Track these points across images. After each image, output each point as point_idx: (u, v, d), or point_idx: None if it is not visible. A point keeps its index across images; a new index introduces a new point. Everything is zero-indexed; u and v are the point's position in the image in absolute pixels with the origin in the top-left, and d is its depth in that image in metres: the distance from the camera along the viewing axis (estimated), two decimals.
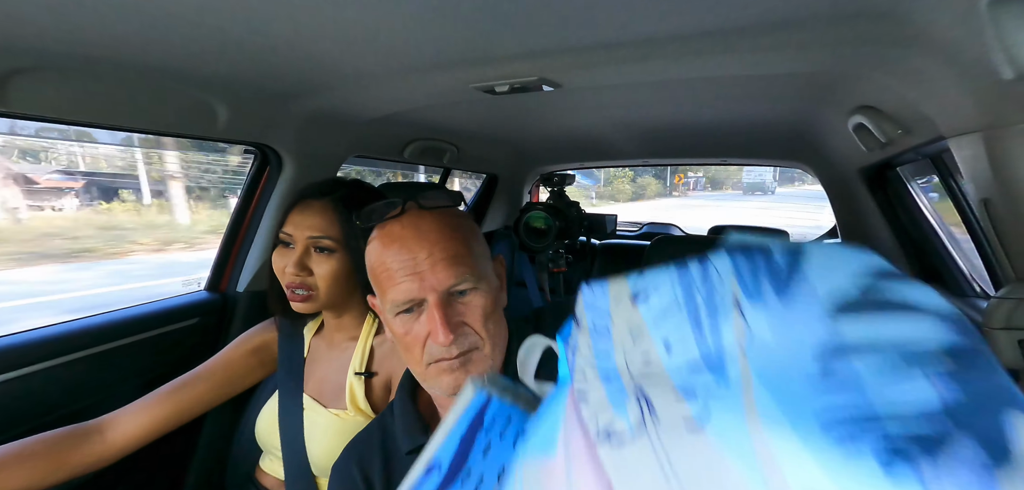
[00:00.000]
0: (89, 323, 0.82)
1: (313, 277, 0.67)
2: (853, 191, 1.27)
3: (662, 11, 0.49)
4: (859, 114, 0.80)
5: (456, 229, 0.47)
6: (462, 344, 0.45)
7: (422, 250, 0.45)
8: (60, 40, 0.54)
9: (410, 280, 0.44)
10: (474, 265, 0.46)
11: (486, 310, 0.46)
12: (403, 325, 0.46)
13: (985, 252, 0.94)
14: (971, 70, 0.45)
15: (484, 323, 0.46)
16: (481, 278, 0.46)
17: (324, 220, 0.67)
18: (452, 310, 0.45)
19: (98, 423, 0.66)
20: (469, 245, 0.47)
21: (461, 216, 0.49)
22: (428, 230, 0.45)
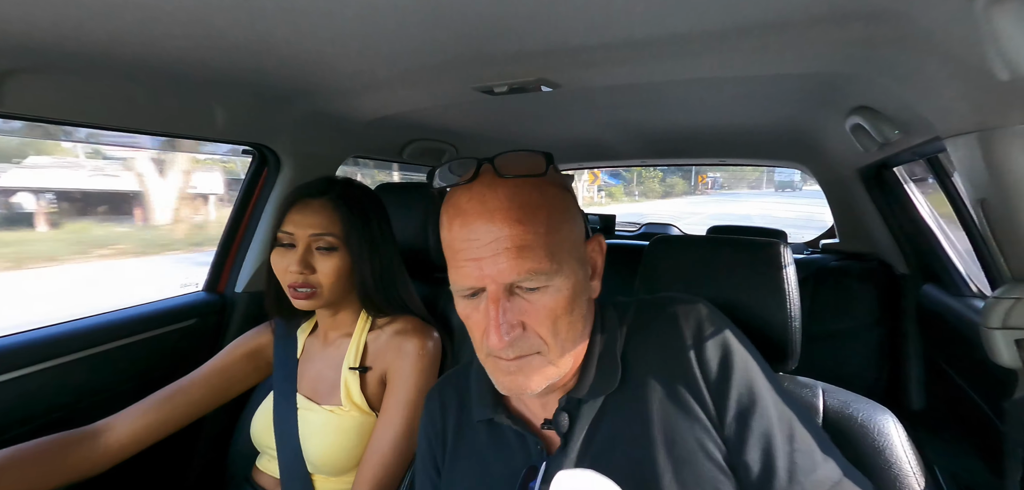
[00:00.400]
0: (87, 324, 0.81)
1: (316, 275, 0.67)
2: (851, 191, 1.27)
3: (660, 13, 0.49)
4: (856, 115, 0.80)
5: (534, 208, 0.39)
6: (520, 347, 0.40)
7: (486, 232, 0.38)
8: (57, 41, 0.53)
9: (471, 264, 0.39)
10: (548, 257, 0.38)
11: (556, 310, 0.39)
12: (464, 308, 0.42)
13: (982, 252, 0.94)
14: (967, 71, 0.45)
15: (552, 325, 0.40)
16: (556, 272, 0.39)
17: (325, 218, 0.68)
18: (512, 307, 0.39)
19: (94, 428, 0.66)
20: (548, 229, 0.39)
21: (546, 188, 0.40)
22: (497, 207, 0.38)
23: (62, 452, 0.61)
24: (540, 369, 0.41)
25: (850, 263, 1.40)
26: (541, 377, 0.41)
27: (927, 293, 1.13)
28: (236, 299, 1.04)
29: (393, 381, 0.70)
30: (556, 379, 0.42)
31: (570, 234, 0.41)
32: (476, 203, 0.39)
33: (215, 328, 1.01)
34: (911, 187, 1.13)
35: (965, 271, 1.06)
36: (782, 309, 0.57)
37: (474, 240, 0.39)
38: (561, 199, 0.42)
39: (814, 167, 1.45)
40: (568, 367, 0.43)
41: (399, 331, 0.72)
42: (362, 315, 0.75)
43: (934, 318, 1.08)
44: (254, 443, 0.75)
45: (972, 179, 0.56)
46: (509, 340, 0.38)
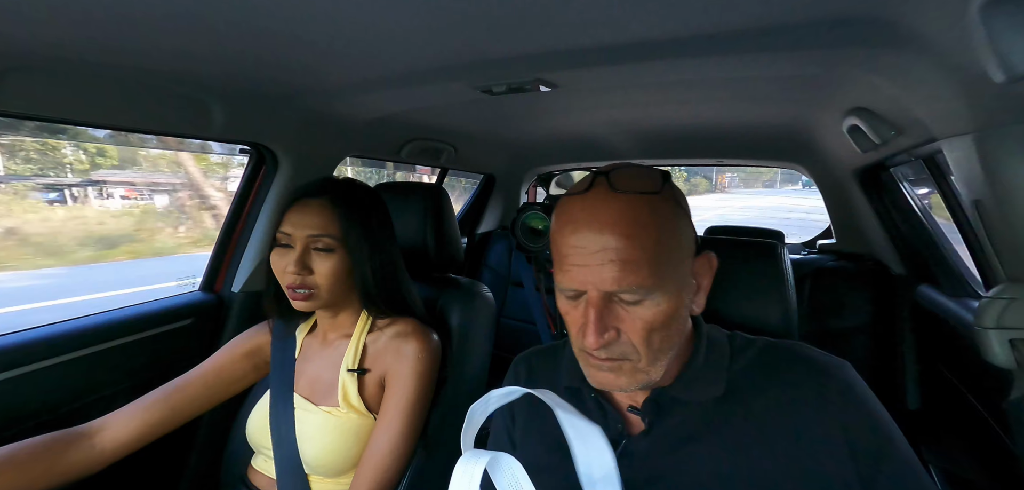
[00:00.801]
0: (82, 324, 0.81)
1: (313, 276, 0.67)
2: (848, 191, 1.28)
3: (658, 13, 0.49)
4: (853, 116, 0.81)
5: (643, 225, 0.40)
6: (612, 351, 0.42)
7: (594, 242, 0.40)
8: (54, 39, 0.53)
9: (577, 269, 0.41)
10: (650, 274, 0.40)
11: (652, 323, 0.41)
12: (565, 305, 0.45)
13: (976, 253, 0.95)
14: (963, 73, 0.46)
15: (646, 336, 0.41)
16: (656, 288, 0.40)
17: (323, 219, 0.67)
18: (610, 313, 0.41)
19: (90, 427, 0.65)
20: (655, 245, 0.40)
21: (659, 205, 0.41)
22: (607, 220, 0.40)
23: (57, 451, 0.61)
24: (629, 373, 0.43)
25: (846, 263, 1.41)
26: (630, 380, 0.43)
27: (922, 293, 1.14)
28: (233, 299, 1.03)
29: (392, 384, 0.69)
30: (645, 383, 0.44)
31: (677, 251, 0.42)
32: (588, 213, 0.41)
33: (212, 328, 1.01)
34: (906, 187, 1.14)
35: (960, 271, 1.07)
36: (779, 309, 0.58)
37: (582, 248, 0.41)
38: (673, 216, 0.42)
39: (811, 167, 1.45)
40: (659, 374, 0.44)
41: (398, 333, 0.72)
42: (362, 316, 0.74)
43: (929, 318, 1.09)
44: (249, 443, 0.74)
45: (967, 180, 0.57)
46: (603, 343, 0.41)
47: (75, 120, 0.69)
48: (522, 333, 1.82)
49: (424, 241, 0.89)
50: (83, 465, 0.63)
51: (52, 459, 0.60)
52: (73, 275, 5.04)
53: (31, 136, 4.30)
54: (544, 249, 1.48)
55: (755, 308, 0.58)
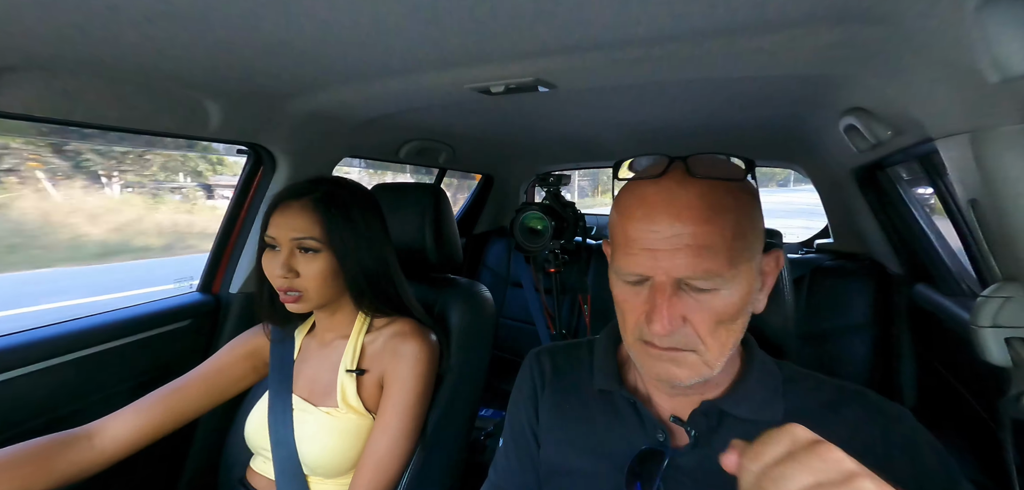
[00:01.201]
0: (80, 325, 0.81)
1: (300, 278, 0.67)
2: (845, 191, 1.28)
3: (656, 13, 0.49)
4: (850, 116, 0.81)
5: (721, 211, 0.38)
6: (677, 340, 0.39)
7: (668, 226, 0.37)
8: (49, 39, 0.53)
9: (645, 254, 0.38)
10: (727, 262, 0.37)
11: (722, 314, 0.39)
12: (623, 292, 0.42)
13: (972, 252, 0.95)
14: (958, 73, 0.46)
15: (713, 327, 0.39)
16: (731, 279, 0.38)
17: (305, 220, 0.67)
18: (679, 301, 0.38)
19: (88, 429, 0.65)
20: (734, 234, 0.38)
21: (740, 194, 0.39)
22: (684, 205, 0.38)
23: (56, 453, 0.61)
24: (693, 365, 0.40)
25: (844, 263, 1.41)
26: (692, 372, 0.41)
27: (919, 292, 1.14)
28: (231, 300, 1.03)
29: (390, 384, 0.69)
30: (706, 377, 0.41)
31: (753, 243, 0.40)
32: (664, 197, 0.38)
33: (210, 329, 1.01)
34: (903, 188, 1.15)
35: (956, 270, 1.07)
36: (777, 308, 0.58)
37: (655, 232, 0.38)
38: (751, 207, 0.40)
39: (809, 167, 1.46)
40: (719, 370, 0.42)
41: (396, 333, 0.72)
42: (359, 316, 0.74)
43: (926, 317, 1.10)
44: (248, 444, 0.74)
45: (963, 179, 0.57)
46: (672, 330, 0.38)
47: (70, 121, 0.69)
48: (521, 333, 1.82)
49: (423, 241, 0.89)
50: (82, 466, 0.63)
51: (51, 460, 0.60)
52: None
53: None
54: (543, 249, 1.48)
55: None
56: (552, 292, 1.60)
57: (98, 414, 0.68)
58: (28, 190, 5.28)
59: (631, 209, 0.40)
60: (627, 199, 0.41)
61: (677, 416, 0.45)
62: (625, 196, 0.42)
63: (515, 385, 0.58)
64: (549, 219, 1.44)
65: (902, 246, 1.20)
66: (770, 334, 0.58)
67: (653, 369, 0.42)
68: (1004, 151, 0.47)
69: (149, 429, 0.67)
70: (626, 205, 0.41)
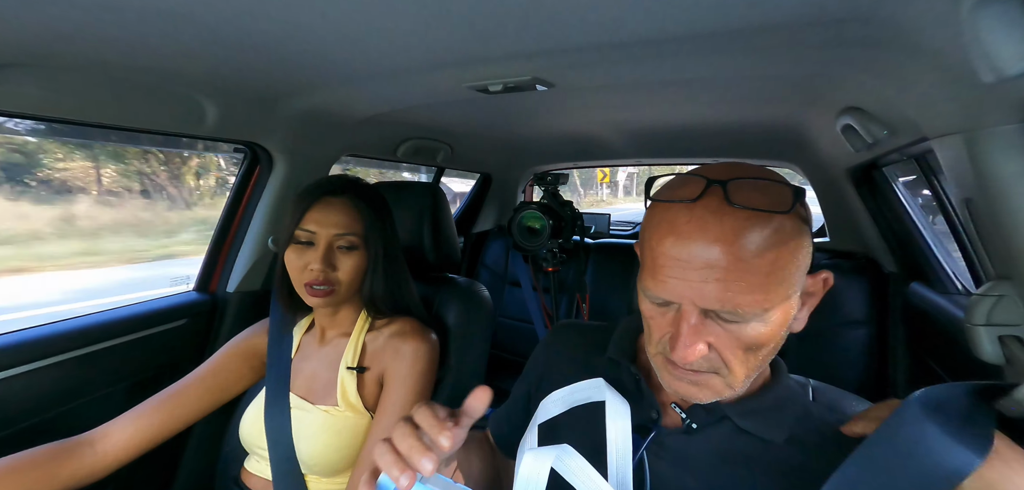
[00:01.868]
0: (75, 324, 0.80)
1: (337, 273, 0.68)
2: (841, 190, 1.29)
3: (654, 13, 0.49)
4: (846, 115, 0.82)
5: (758, 247, 0.35)
6: (702, 364, 0.38)
7: (700, 257, 0.35)
8: (45, 36, 0.52)
9: (675, 281, 0.37)
10: (761, 298, 0.35)
11: (750, 344, 0.37)
12: (649, 309, 0.41)
13: (967, 250, 0.96)
14: (952, 73, 0.46)
15: (741, 355, 0.38)
16: (764, 312, 0.36)
17: (347, 217, 0.68)
18: (705, 328, 0.37)
19: (89, 436, 0.65)
20: (771, 269, 0.35)
21: (782, 225, 0.36)
22: (716, 237, 0.35)
23: (58, 461, 0.61)
24: (714, 387, 0.39)
25: (840, 261, 1.42)
26: (712, 393, 0.40)
27: (914, 291, 1.15)
28: (227, 299, 1.03)
29: (390, 383, 0.69)
30: (726, 397, 0.41)
31: (795, 275, 0.37)
32: (696, 225, 0.36)
33: (206, 328, 1.00)
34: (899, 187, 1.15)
35: (950, 269, 1.08)
36: None
37: (684, 261, 0.36)
38: (795, 235, 0.36)
39: (805, 166, 1.46)
40: (742, 390, 0.41)
41: (397, 333, 0.72)
42: (361, 315, 0.74)
43: (920, 315, 1.10)
44: (243, 443, 0.74)
45: (957, 179, 0.58)
46: (694, 357, 0.37)
47: (67, 119, 0.68)
48: (519, 332, 1.82)
49: (421, 241, 0.89)
50: (85, 473, 0.63)
51: (54, 468, 0.60)
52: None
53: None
54: (541, 248, 1.48)
55: None
56: (550, 291, 1.60)
57: (94, 413, 0.68)
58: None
59: (663, 235, 0.38)
60: (659, 224, 0.38)
61: (679, 405, 0.45)
62: (657, 217, 0.39)
63: (537, 348, 0.61)
64: (547, 218, 1.44)
65: (897, 245, 1.21)
66: None
67: (672, 386, 0.41)
68: (998, 151, 0.48)
69: (150, 434, 0.67)
70: (658, 228, 0.38)
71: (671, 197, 0.39)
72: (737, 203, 0.35)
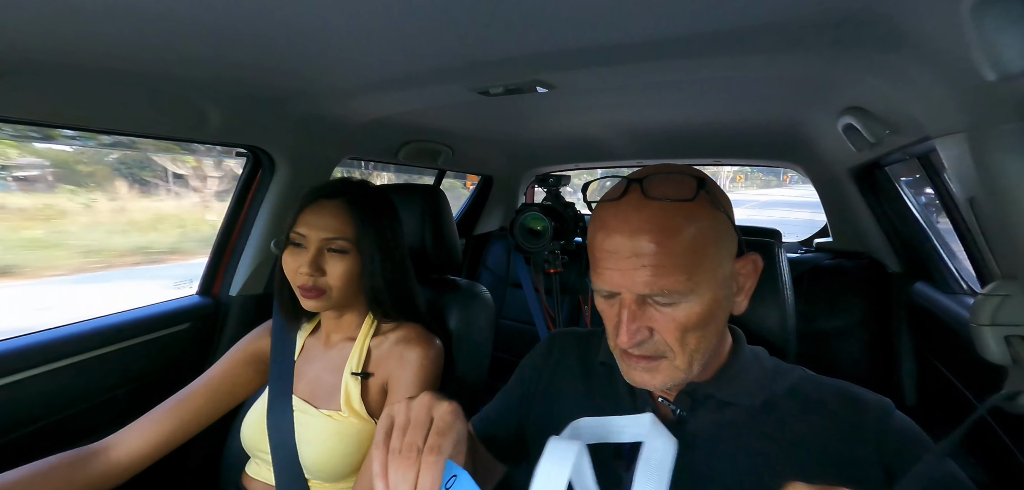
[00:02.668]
0: (79, 329, 0.80)
1: (326, 277, 0.67)
2: (843, 190, 1.28)
3: (654, 14, 0.49)
4: (848, 115, 0.81)
5: (676, 230, 0.40)
6: (646, 349, 0.43)
7: (626, 248, 0.41)
8: (49, 43, 0.53)
9: (611, 272, 0.42)
10: (684, 278, 0.40)
11: (686, 324, 0.42)
12: (601, 304, 0.46)
13: (972, 250, 0.95)
14: (955, 72, 0.46)
15: (680, 336, 0.42)
16: (690, 292, 0.41)
17: (338, 221, 0.67)
18: (643, 314, 0.42)
19: (103, 444, 0.65)
20: (689, 250, 0.40)
21: (693, 211, 0.41)
22: (640, 226, 0.40)
23: (73, 470, 0.61)
24: (666, 371, 0.44)
25: (843, 261, 1.41)
26: (664, 377, 0.44)
27: (918, 291, 1.14)
28: (230, 302, 1.03)
29: (394, 389, 0.69)
30: (680, 381, 0.45)
31: (715, 254, 0.42)
32: (621, 221, 0.42)
33: (209, 332, 1.01)
34: (902, 187, 1.15)
35: (955, 268, 1.08)
36: (777, 308, 0.58)
37: (615, 253, 0.42)
38: (709, 220, 0.42)
39: (808, 166, 1.46)
40: (696, 372, 0.45)
41: (402, 339, 0.72)
42: (367, 319, 0.74)
43: (925, 315, 1.10)
44: (244, 447, 0.74)
45: (961, 178, 0.57)
46: (635, 342, 0.42)
47: (70, 124, 0.69)
48: (521, 334, 1.82)
49: (422, 243, 0.89)
50: (97, 482, 0.63)
51: (70, 476, 0.60)
52: None
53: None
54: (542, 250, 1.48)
55: (752, 309, 0.58)
56: (552, 293, 1.60)
57: (99, 418, 0.68)
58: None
59: (596, 231, 0.44)
60: (595, 220, 0.45)
61: (666, 398, 0.50)
62: (594, 217, 0.46)
63: (531, 353, 0.63)
64: (549, 220, 1.44)
65: (901, 244, 1.20)
66: (770, 334, 0.58)
67: (630, 376, 0.46)
68: (1003, 149, 0.48)
69: (162, 441, 0.67)
70: (594, 226, 0.45)
71: (603, 198, 0.45)
72: (652, 196, 0.42)
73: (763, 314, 0.58)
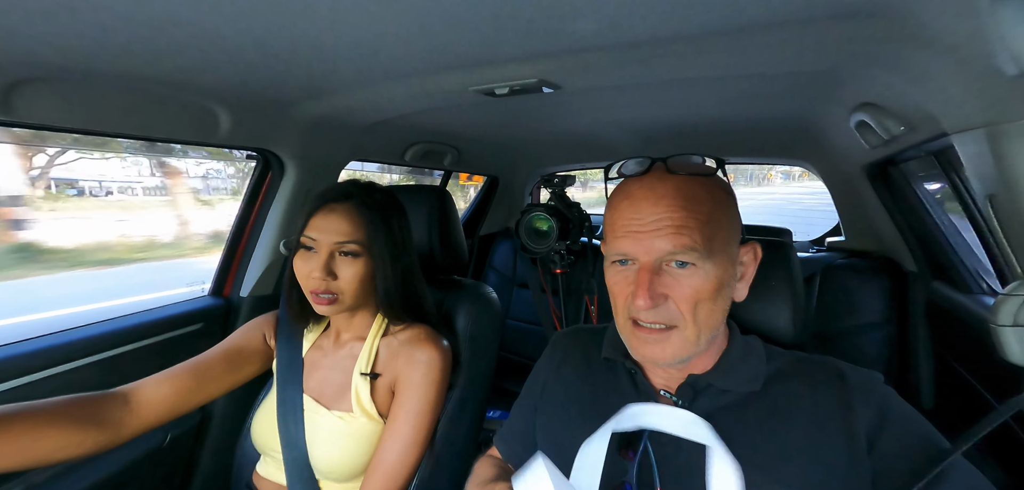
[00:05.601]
0: (94, 330, 0.82)
1: (338, 281, 0.67)
2: (856, 188, 1.26)
3: (662, 12, 0.49)
4: (861, 111, 0.80)
5: (697, 199, 0.44)
6: (660, 315, 0.45)
7: (650, 212, 0.44)
8: (63, 50, 0.54)
9: (629, 237, 0.45)
10: (702, 240, 0.43)
11: (700, 292, 0.44)
12: (613, 275, 0.48)
13: (991, 249, 0.93)
14: (974, 66, 0.45)
15: (692, 305, 0.44)
16: (706, 257, 0.43)
17: (349, 224, 0.67)
18: (660, 279, 0.44)
19: (123, 390, 0.64)
20: (708, 219, 0.44)
21: (713, 187, 0.46)
22: (663, 193, 0.44)
23: (95, 409, 0.59)
24: (676, 343, 0.45)
25: (856, 260, 1.39)
26: (674, 350, 0.46)
27: (936, 290, 1.12)
28: (241, 303, 1.04)
29: (402, 390, 0.69)
30: (688, 356, 0.46)
31: (727, 231, 0.46)
32: (646, 189, 0.45)
33: (221, 333, 1.02)
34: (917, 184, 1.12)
35: (974, 267, 1.05)
36: (789, 308, 0.57)
37: (637, 218, 0.45)
38: (723, 199, 0.47)
39: (819, 164, 1.43)
40: (702, 349, 0.47)
41: (411, 339, 0.72)
42: (377, 319, 0.75)
43: (944, 315, 1.07)
44: (255, 445, 0.74)
45: (980, 175, 0.56)
46: (653, 305, 0.44)
47: (85, 129, 0.70)
48: (528, 334, 1.82)
49: (429, 244, 0.89)
50: (120, 425, 0.61)
51: (87, 414, 0.58)
52: None
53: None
54: (548, 250, 1.47)
55: (763, 309, 0.57)
56: (558, 293, 1.59)
57: None
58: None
59: (619, 201, 0.47)
60: (616, 195, 0.48)
61: (668, 390, 0.51)
62: (615, 193, 0.49)
63: (538, 362, 0.65)
64: (554, 220, 1.43)
65: (917, 243, 1.18)
66: (782, 334, 0.57)
67: (640, 349, 0.47)
68: (1023, 146, 0.46)
69: (180, 398, 0.66)
70: (615, 200, 0.48)
71: (627, 174, 0.49)
72: (675, 170, 0.46)
73: (774, 313, 0.57)
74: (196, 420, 0.95)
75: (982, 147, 0.51)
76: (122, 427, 0.61)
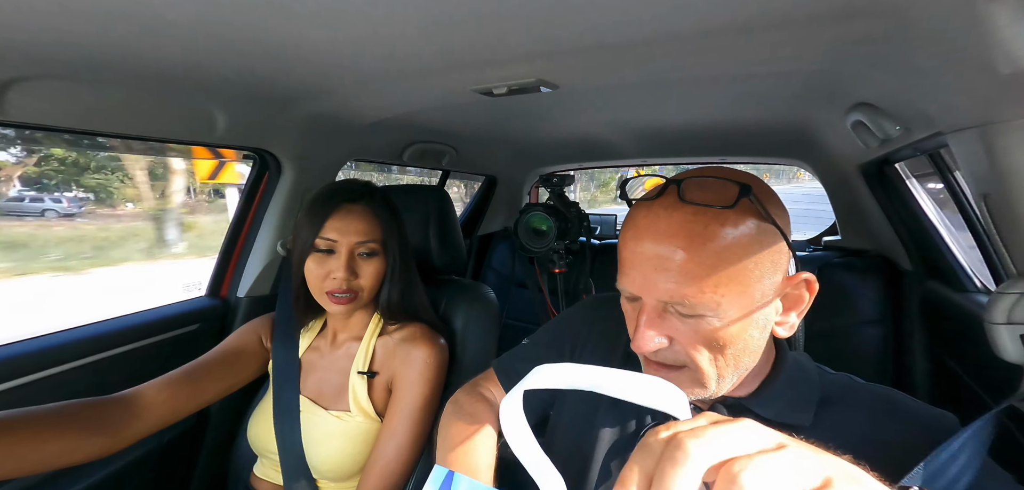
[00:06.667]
0: (90, 330, 0.82)
1: (359, 280, 0.69)
2: (853, 188, 1.26)
3: (659, 12, 0.49)
4: (857, 111, 0.80)
5: (707, 238, 0.37)
6: (665, 357, 0.41)
7: (652, 250, 0.38)
8: (58, 48, 0.54)
9: (634, 273, 0.40)
10: (711, 290, 0.37)
11: (710, 340, 0.39)
12: (625, 306, 0.45)
13: (985, 247, 0.94)
14: (968, 66, 0.45)
15: (702, 351, 0.39)
16: (716, 305, 0.37)
17: (368, 224, 0.69)
18: (664, 322, 0.40)
19: (124, 395, 0.64)
20: (720, 261, 0.37)
21: (730, 220, 0.37)
22: (669, 230, 0.38)
23: (97, 413, 0.59)
24: (685, 384, 0.41)
25: (853, 259, 1.40)
26: (688, 390, 0.41)
27: (932, 289, 1.12)
28: (238, 304, 1.04)
29: (399, 388, 0.69)
30: (707, 395, 0.42)
31: (753, 269, 0.38)
32: (650, 222, 0.40)
33: (218, 333, 1.02)
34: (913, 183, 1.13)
35: (968, 266, 1.06)
36: None
37: (640, 254, 0.40)
38: (751, 232, 0.38)
39: (815, 164, 1.44)
40: (726, 389, 0.42)
41: (408, 338, 0.72)
42: (374, 319, 0.75)
43: (938, 314, 1.08)
44: (252, 446, 0.74)
45: (975, 174, 0.56)
46: (652, 349, 0.40)
47: (79, 129, 0.70)
48: (526, 334, 1.82)
49: (427, 243, 0.89)
50: (117, 428, 0.60)
51: (87, 417, 0.58)
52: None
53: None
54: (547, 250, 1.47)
55: None
56: (557, 292, 1.59)
57: None
58: None
59: (626, 231, 0.42)
60: (627, 220, 0.43)
61: (699, 406, 0.45)
62: (627, 217, 0.44)
63: (569, 312, 0.62)
64: (553, 219, 1.43)
65: (912, 242, 1.18)
66: None
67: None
68: (1017, 144, 0.47)
69: (179, 403, 0.66)
70: (624, 226, 0.43)
71: (637, 198, 0.43)
72: (687, 199, 0.38)
73: None
74: (193, 422, 0.94)
75: (976, 146, 0.52)
76: (122, 432, 0.61)
